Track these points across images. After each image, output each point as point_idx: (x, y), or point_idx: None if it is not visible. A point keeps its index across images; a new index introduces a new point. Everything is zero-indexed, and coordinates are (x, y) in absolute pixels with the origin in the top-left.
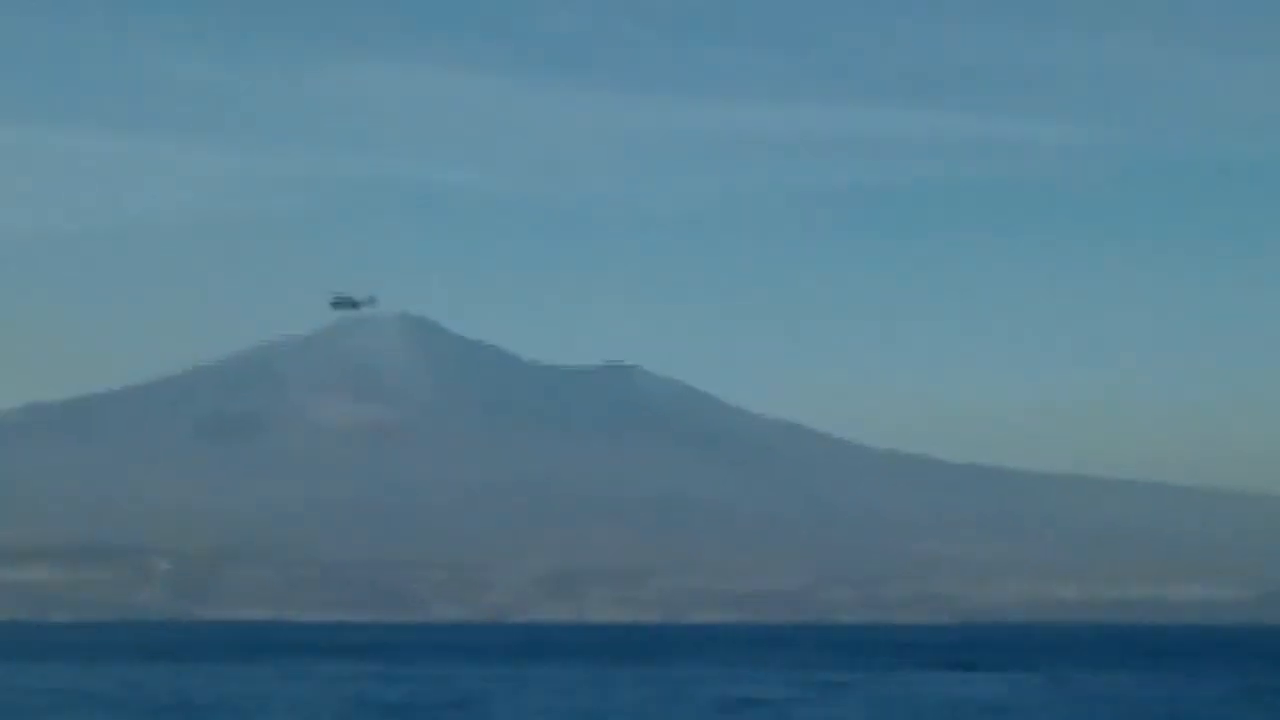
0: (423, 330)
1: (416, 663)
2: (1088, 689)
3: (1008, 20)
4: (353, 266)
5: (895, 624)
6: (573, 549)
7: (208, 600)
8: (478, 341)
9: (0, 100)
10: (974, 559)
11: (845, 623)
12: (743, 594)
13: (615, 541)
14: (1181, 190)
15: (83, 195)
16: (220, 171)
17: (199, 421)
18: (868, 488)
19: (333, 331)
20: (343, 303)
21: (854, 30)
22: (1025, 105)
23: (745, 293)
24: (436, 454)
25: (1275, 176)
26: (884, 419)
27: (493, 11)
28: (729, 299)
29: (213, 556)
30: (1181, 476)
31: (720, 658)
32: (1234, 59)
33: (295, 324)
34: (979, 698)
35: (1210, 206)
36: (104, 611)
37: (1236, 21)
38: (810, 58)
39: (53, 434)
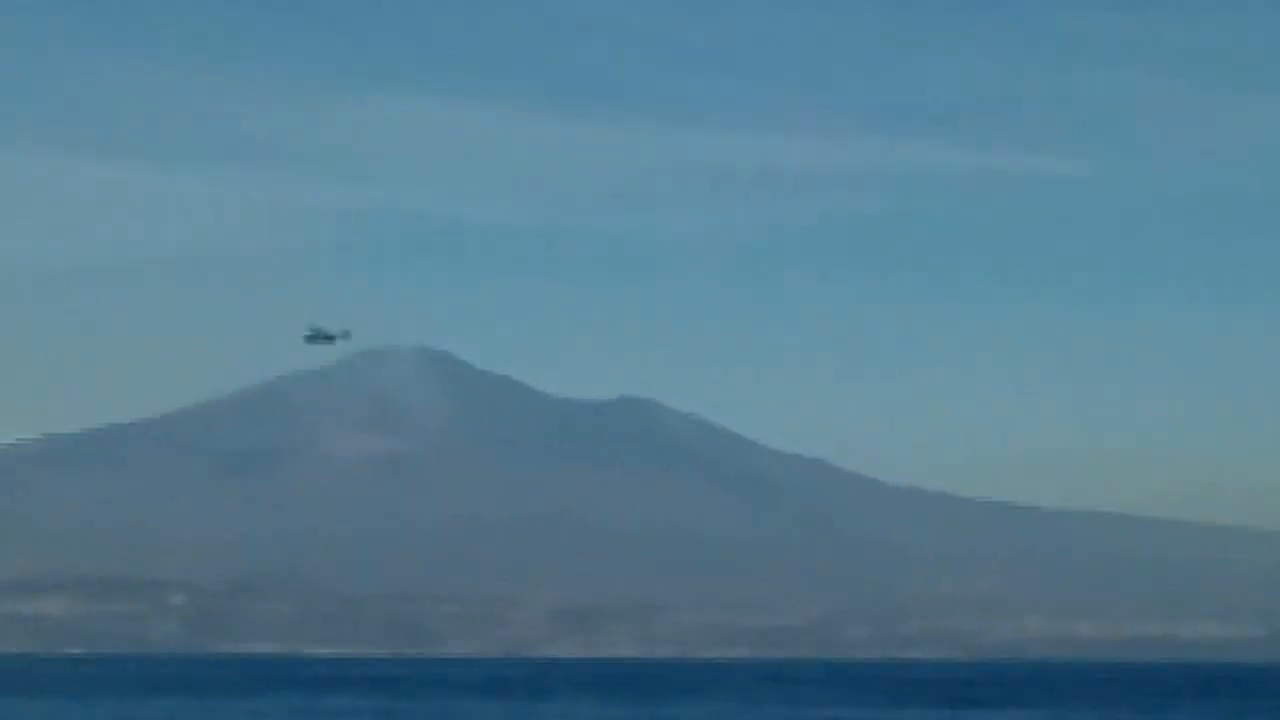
0: (440, 363)
1: (425, 698)
2: None
3: (1019, 55)
4: (371, 299)
5: (910, 660)
6: (588, 584)
7: (223, 633)
8: (495, 374)
9: (24, 132)
10: (990, 595)
11: (860, 659)
12: (758, 629)
13: (631, 576)
14: (1198, 225)
15: (101, 227)
16: (239, 204)
17: (216, 454)
18: (885, 523)
19: (350, 364)
20: (316, 336)
21: (872, 65)
22: (1042, 139)
23: (764, 327)
24: (453, 487)
25: None
26: (902, 455)
27: (510, 46)
28: (747, 333)
29: (228, 590)
30: (1198, 513)
31: (728, 694)
32: (1247, 95)
33: (312, 357)
34: None
35: (1228, 242)
36: (118, 644)
37: (1248, 58)
38: (829, 91)
39: (69, 466)
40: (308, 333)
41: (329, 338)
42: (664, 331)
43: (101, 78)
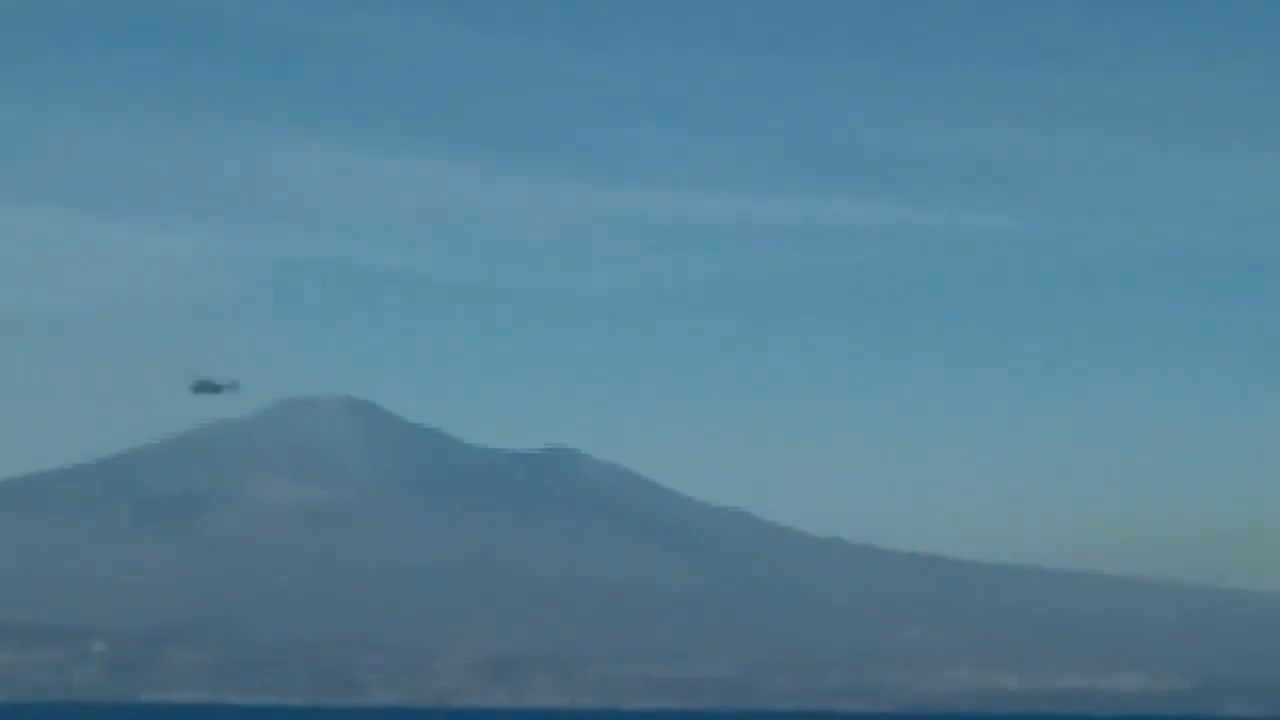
0: (365, 413)
1: None
2: None
3: (942, 110)
4: (295, 349)
5: (834, 712)
6: (513, 634)
7: (146, 681)
8: (420, 425)
9: None
10: (916, 648)
11: (784, 710)
12: (682, 680)
13: (556, 627)
14: (1129, 284)
15: (26, 274)
16: (161, 253)
17: (138, 501)
18: (811, 575)
19: (274, 413)
20: (204, 387)
21: (805, 119)
22: (975, 197)
23: (688, 379)
24: (377, 537)
25: (1223, 270)
26: (826, 507)
27: (439, 97)
28: (672, 385)
29: (151, 638)
30: (1123, 567)
31: None
32: (1183, 153)
33: (237, 406)
34: None
35: (1158, 300)
36: (40, 692)
37: (1184, 116)
38: (759, 145)
39: None
40: (194, 383)
41: (216, 388)
42: (589, 383)
43: (13, 123)
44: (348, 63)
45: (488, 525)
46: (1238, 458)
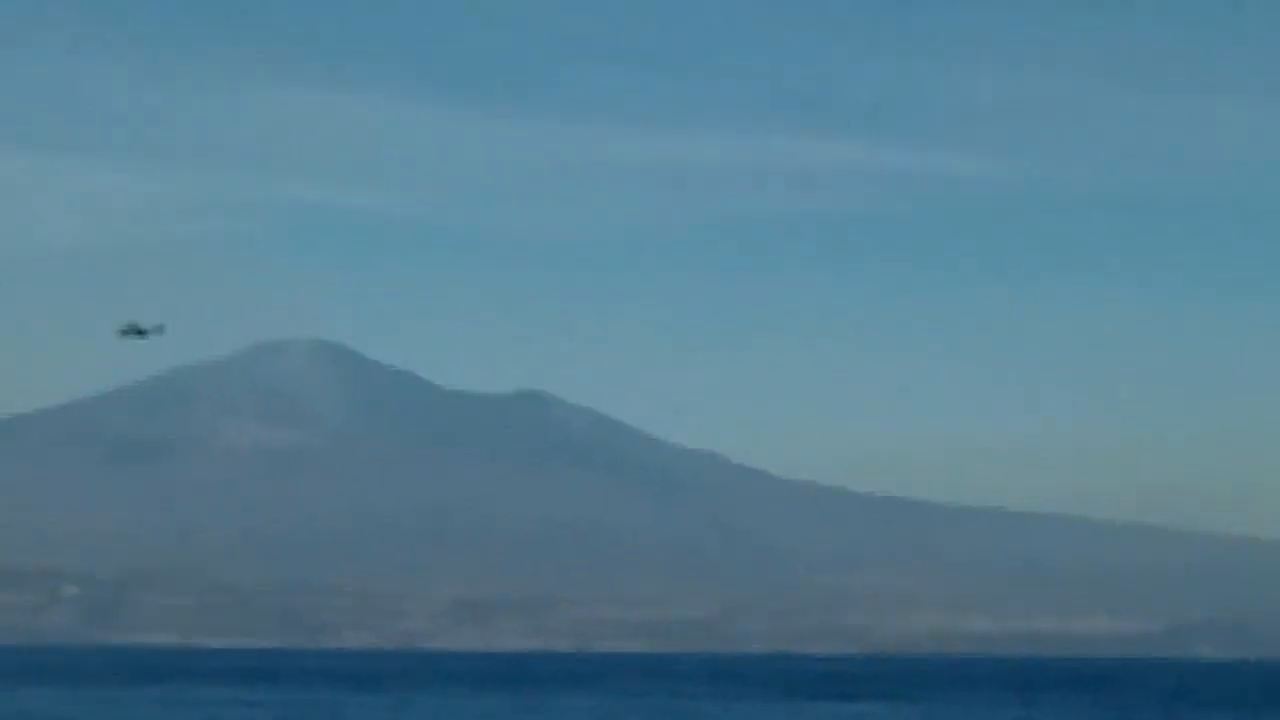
0: (338, 356)
1: (307, 690)
2: (937, 717)
3: (928, 55)
4: (266, 292)
5: (804, 654)
6: (484, 577)
7: (116, 625)
8: (393, 368)
9: None
10: (885, 590)
11: (755, 653)
12: (653, 623)
13: (527, 570)
14: (1105, 224)
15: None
16: (140, 197)
17: (110, 445)
18: (780, 518)
19: (245, 357)
20: (129, 331)
21: (781, 62)
22: (950, 139)
23: (659, 321)
24: (349, 480)
25: (1193, 211)
26: (797, 450)
27: (408, 39)
28: (643, 327)
29: (122, 581)
30: (1093, 511)
31: (613, 686)
32: (1151, 96)
33: (211, 349)
34: None
35: (1134, 238)
36: (11, 635)
37: (1152, 59)
38: (735, 88)
39: None
40: (121, 328)
41: (141, 333)
42: (560, 325)
43: None
44: (316, 4)
45: (459, 468)
46: (1211, 403)
